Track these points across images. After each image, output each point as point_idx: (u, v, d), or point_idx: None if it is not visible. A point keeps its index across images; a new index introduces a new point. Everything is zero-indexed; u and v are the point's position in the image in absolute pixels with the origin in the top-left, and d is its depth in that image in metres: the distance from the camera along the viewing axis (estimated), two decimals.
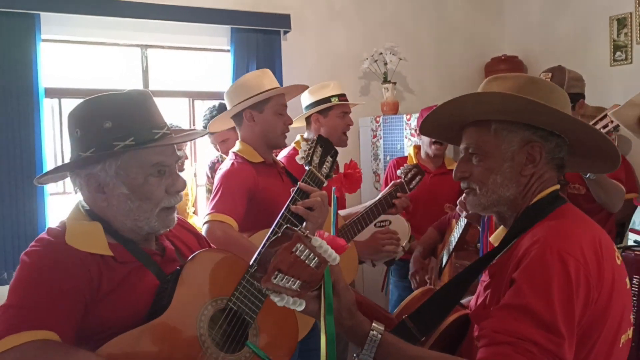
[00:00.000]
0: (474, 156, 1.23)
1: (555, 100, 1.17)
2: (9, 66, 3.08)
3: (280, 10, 3.82)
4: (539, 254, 1.05)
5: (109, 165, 1.24)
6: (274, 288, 0.97)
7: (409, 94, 4.40)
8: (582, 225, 1.15)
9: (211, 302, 1.32)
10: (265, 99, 2.24)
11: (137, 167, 1.24)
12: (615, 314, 1.09)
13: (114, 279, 1.22)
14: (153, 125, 1.27)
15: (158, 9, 3.43)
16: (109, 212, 1.28)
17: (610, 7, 3.77)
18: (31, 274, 1.15)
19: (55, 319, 1.10)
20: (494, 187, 1.21)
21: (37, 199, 3.14)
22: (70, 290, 1.14)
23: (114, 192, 1.25)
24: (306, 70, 3.87)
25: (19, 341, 1.05)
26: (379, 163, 3.95)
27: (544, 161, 1.20)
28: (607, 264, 1.08)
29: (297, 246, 0.96)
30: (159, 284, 1.29)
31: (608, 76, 3.76)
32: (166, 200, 1.29)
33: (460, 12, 4.59)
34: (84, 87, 3.52)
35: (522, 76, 1.23)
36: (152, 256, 1.32)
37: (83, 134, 1.25)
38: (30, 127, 3.12)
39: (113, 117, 1.23)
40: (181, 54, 3.83)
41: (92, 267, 1.20)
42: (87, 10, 3.26)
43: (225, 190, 2.08)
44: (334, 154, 1.73)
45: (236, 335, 1.33)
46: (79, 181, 1.29)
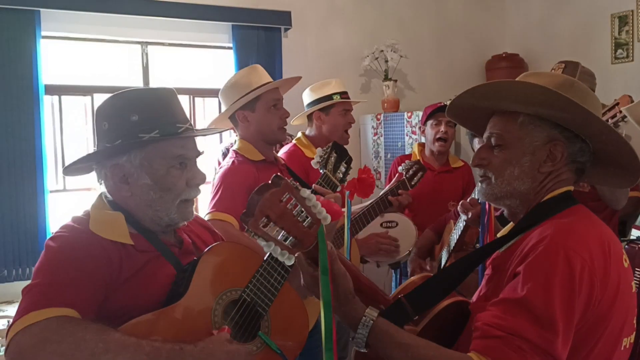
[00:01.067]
0: (495, 145, 1.23)
1: (589, 105, 1.16)
2: (9, 63, 3.07)
3: (280, 7, 3.81)
4: (545, 250, 1.05)
5: (134, 156, 1.30)
6: (263, 234, 0.99)
7: (410, 92, 4.39)
8: (592, 226, 1.14)
9: (226, 292, 1.36)
10: (255, 97, 2.20)
11: (161, 159, 1.31)
12: (619, 316, 1.08)
13: (133, 266, 1.27)
14: (177, 120, 1.34)
15: (158, 6, 3.42)
16: (131, 203, 1.33)
17: (611, 5, 3.77)
18: (55, 256, 1.20)
19: (77, 297, 1.15)
20: (509, 179, 1.20)
21: (37, 196, 3.13)
22: (92, 272, 1.19)
23: (138, 183, 1.31)
24: (307, 67, 3.86)
25: (41, 317, 1.09)
26: (380, 161, 3.95)
27: (563, 162, 1.19)
28: (614, 266, 1.08)
29: (285, 195, 0.99)
30: (176, 273, 1.33)
31: (609, 74, 3.76)
32: (186, 193, 1.35)
33: (461, 10, 4.58)
34: (84, 84, 3.52)
35: (560, 76, 1.23)
36: (170, 247, 1.37)
37: (110, 127, 1.31)
38: (30, 124, 3.11)
39: (140, 110, 1.30)
40: (181, 51, 3.82)
41: (113, 254, 1.25)
42: (87, 6, 3.25)
43: (225, 188, 2.07)
44: (348, 160, 1.78)
45: (248, 325, 1.36)
46: (104, 172, 1.34)
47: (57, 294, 1.14)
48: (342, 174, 1.71)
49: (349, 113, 2.79)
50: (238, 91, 2.20)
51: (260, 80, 2.22)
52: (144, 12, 3.40)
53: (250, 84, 2.19)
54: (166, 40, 3.68)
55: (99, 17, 3.33)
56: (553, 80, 1.19)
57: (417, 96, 4.35)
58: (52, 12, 3.20)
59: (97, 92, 3.53)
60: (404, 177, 2.49)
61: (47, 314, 1.10)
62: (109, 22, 3.40)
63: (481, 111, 1.28)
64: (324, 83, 2.81)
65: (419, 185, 2.90)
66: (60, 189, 3.47)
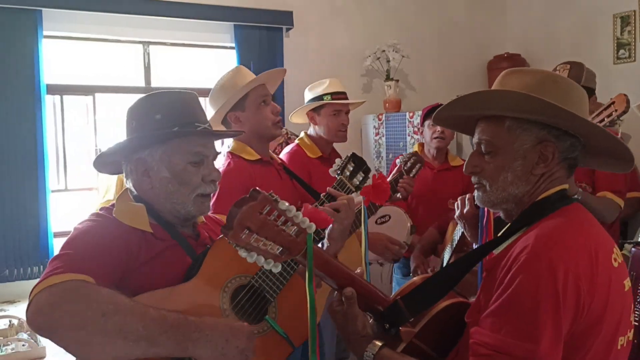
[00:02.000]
0: (486, 152, 1.22)
1: (574, 100, 1.15)
2: (11, 62, 3.08)
3: (282, 7, 3.81)
4: (527, 260, 1.04)
5: (155, 150, 1.41)
6: (244, 245, 1.02)
7: (412, 92, 4.39)
8: (579, 229, 1.12)
9: (235, 277, 1.44)
10: (244, 96, 2.17)
11: (179, 154, 1.41)
12: (612, 317, 1.07)
13: (150, 252, 1.37)
14: (196, 120, 1.44)
15: (160, 6, 3.43)
16: (152, 195, 1.44)
17: (613, 5, 3.76)
18: (80, 233, 1.33)
19: (95, 268, 1.24)
20: (504, 185, 1.19)
21: (39, 196, 3.14)
22: (111, 249, 1.30)
23: (158, 176, 1.42)
24: (308, 67, 3.86)
25: (60, 279, 1.19)
26: (381, 160, 3.94)
27: (556, 161, 1.17)
28: (602, 268, 1.07)
29: (265, 207, 1.02)
30: (191, 261, 1.42)
31: (611, 74, 3.75)
32: (202, 188, 1.44)
33: (462, 10, 4.58)
34: (85, 84, 3.52)
35: (542, 72, 1.20)
36: (187, 238, 1.47)
37: (137, 125, 1.43)
38: (32, 124, 3.12)
39: (163, 110, 1.42)
40: (183, 51, 3.82)
41: (132, 238, 1.36)
42: (89, 6, 3.26)
43: (223, 191, 2.04)
44: (366, 170, 1.80)
45: (255, 309, 1.44)
46: (129, 166, 1.45)
47: (77, 262, 1.24)
48: (358, 182, 1.76)
49: (342, 114, 2.75)
50: (225, 94, 2.18)
51: (245, 79, 2.19)
52: (146, 11, 3.40)
53: (235, 86, 2.17)
54: (168, 40, 3.68)
55: (101, 16, 3.33)
56: (535, 78, 1.17)
57: (419, 96, 4.34)
58: (54, 11, 3.20)
59: (98, 92, 3.53)
60: (403, 169, 2.49)
61: (66, 278, 1.20)
62: (111, 22, 3.40)
63: (468, 116, 1.28)
64: (319, 82, 2.80)
65: (419, 183, 2.90)
66: (61, 188, 3.47)
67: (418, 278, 1.44)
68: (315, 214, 1.08)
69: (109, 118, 3.64)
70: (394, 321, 1.19)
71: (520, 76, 1.19)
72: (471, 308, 1.21)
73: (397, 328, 1.21)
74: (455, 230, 2.50)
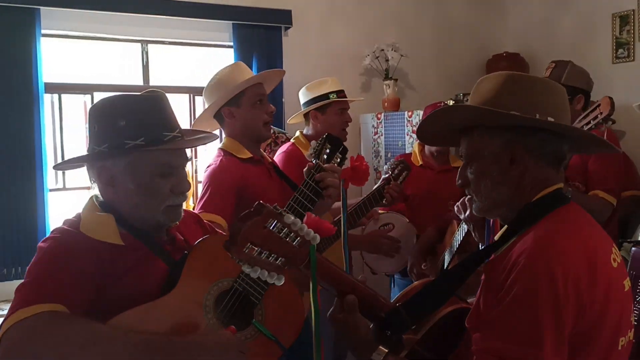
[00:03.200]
0: (466, 163, 1.24)
1: (537, 95, 1.17)
2: (9, 61, 3.06)
3: (281, 6, 3.80)
4: (526, 265, 1.04)
5: (119, 161, 1.32)
6: (248, 260, 1.01)
7: (411, 91, 4.39)
8: (576, 230, 1.12)
9: (217, 282, 1.38)
10: (240, 93, 2.16)
11: (145, 166, 1.32)
12: (612, 318, 1.07)
13: (124, 265, 1.30)
14: (164, 128, 1.35)
15: (158, 4, 3.42)
16: (118, 204, 1.36)
17: (612, 4, 3.76)
18: (45, 255, 1.24)
19: (66, 294, 1.17)
20: (486, 192, 1.21)
21: (37, 195, 3.13)
22: (81, 270, 1.22)
23: (123, 187, 1.33)
24: (307, 66, 3.85)
25: (30, 312, 1.12)
26: (380, 160, 3.94)
27: (532, 160, 1.17)
28: (602, 269, 1.07)
29: (270, 221, 1.01)
30: (169, 269, 1.36)
31: (610, 73, 3.74)
32: (171, 200, 1.36)
33: (461, 9, 4.57)
34: (84, 82, 3.51)
35: (505, 75, 1.21)
36: (162, 245, 1.40)
37: (99, 129, 1.34)
38: (30, 122, 3.11)
39: (127, 116, 1.31)
40: (182, 50, 3.81)
41: (103, 253, 1.28)
42: (87, 4, 3.25)
43: (213, 189, 2.06)
44: (342, 150, 1.75)
45: (241, 314, 1.38)
46: (93, 172, 1.37)
47: (46, 290, 1.16)
48: (336, 164, 1.70)
49: (346, 112, 2.77)
50: (222, 88, 2.17)
51: (244, 76, 2.18)
52: (144, 10, 3.39)
53: (234, 80, 2.16)
54: (166, 38, 3.67)
55: (99, 15, 3.32)
56: (499, 81, 1.20)
57: (418, 95, 4.34)
58: (52, 10, 3.19)
59: (97, 91, 3.52)
60: (390, 175, 2.50)
61: (37, 310, 1.12)
62: (109, 20, 3.39)
63: (453, 132, 1.29)
64: (321, 82, 2.80)
65: (419, 184, 2.90)
66: (60, 187, 3.47)
67: (419, 283, 1.44)
68: (319, 224, 1.07)
69: None
70: (395, 328, 1.17)
71: (485, 84, 1.23)
72: (471, 312, 1.20)
73: (399, 335, 1.19)
74: (455, 233, 2.49)
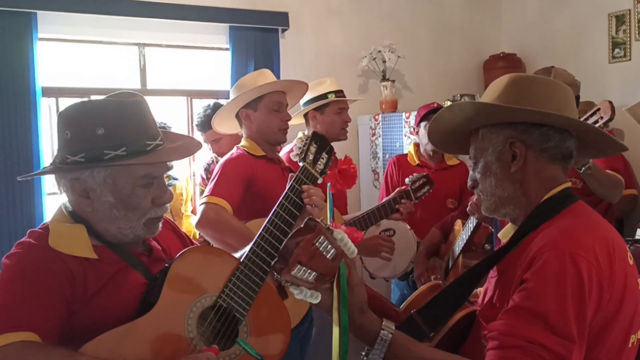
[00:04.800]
0: (473, 164, 1.27)
1: (538, 92, 1.18)
2: (6, 65, 3.06)
3: (278, 8, 3.81)
4: (552, 256, 1.04)
5: (97, 173, 1.22)
6: (293, 280, 0.98)
7: (408, 92, 4.39)
8: (594, 226, 1.13)
9: (200, 299, 1.29)
10: (258, 97, 2.26)
11: (126, 178, 1.23)
12: (626, 314, 1.08)
13: (99, 280, 1.20)
14: (146, 136, 1.25)
15: (155, 7, 3.42)
16: (92, 217, 1.26)
17: (608, 4, 3.77)
18: (11, 276, 1.14)
19: (36, 319, 1.08)
20: (491, 190, 1.23)
21: (34, 199, 3.13)
22: (51, 290, 1.13)
23: (100, 199, 1.23)
24: (304, 68, 3.86)
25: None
26: (377, 161, 3.94)
27: (533, 156, 1.19)
28: (619, 265, 1.07)
29: (318, 238, 0.98)
30: (146, 282, 1.28)
31: (606, 73, 3.75)
32: (152, 212, 1.28)
33: (458, 10, 4.58)
34: (81, 86, 3.51)
35: (506, 77, 1.24)
36: (138, 256, 1.31)
37: (73, 137, 1.21)
38: (27, 127, 3.11)
39: (106, 124, 1.20)
40: (179, 53, 3.81)
41: (75, 269, 1.18)
42: (84, 8, 3.24)
43: (222, 175, 2.16)
44: (329, 150, 1.68)
45: (226, 331, 1.31)
46: (64, 183, 1.27)
47: (14, 317, 1.07)
48: (322, 165, 1.63)
49: (345, 112, 2.79)
50: (241, 89, 2.27)
51: (265, 81, 2.27)
52: (141, 13, 3.39)
53: (255, 84, 2.25)
54: (163, 41, 3.67)
55: (96, 19, 3.32)
56: (501, 84, 1.22)
57: (415, 96, 4.34)
58: (49, 14, 3.19)
59: (94, 94, 3.52)
60: (409, 188, 2.46)
61: (5, 340, 1.04)
62: (106, 24, 3.39)
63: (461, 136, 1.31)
64: (319, 82, 2.81)
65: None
66: (57, 191, 3.44)
67: (426, 287, 1.43)
68: (351, 234, 1.04)
69: None
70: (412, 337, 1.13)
71: (495, 84, 1.25)
72: (483, 308, 1.20)
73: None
74: (461, 231, 2.49)
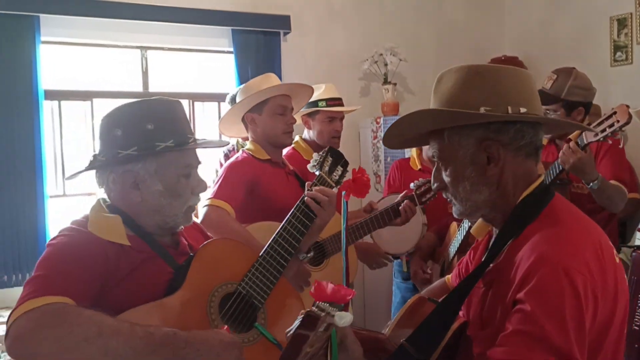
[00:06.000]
0: (440, 166, 1.19)
1: (506, 86, 1.11)
2: (9, 68, 3.07)
3: (279, 11, 3.82)
4: (546, 273, 0.99)
5: (149, 164, 1.36)
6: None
7: (410, 95, 4.40)
8: (581, 230, 1.09)
9: (221, 285, 1.42)
10: (263, 101, 2.27)
11: (173, 168, 1.38)
12: (620, 313, 1.07)
13: (129, 265, 1.33)
14: (188, 131, 1.43)
15: (157, 11, 3.43)
16: (138, 208, 1.39)
17: (610, 8, 3.77)
18: (54, 251, 1.28)
19: (73, 288, 1.21)
20: (465, 195, 1.16)
21: (37, 202, 3.13)
22: (88, 266, 1.26)
23: (150, 189, 1.37)
24: (306, 71, 3.86)
25: (38, 304, 1.15)
26: (379, 164, 3.95)
27: (508, 155, 1.12)
28: (610, 268, 1.05)
29: (323, 325, 0.96)
30: (173, 271, 1.39)
31: (608, 76, 3.75)
32: (191, 200, 1.43)
33: (460, 13, 4.58)
34: (83, 89, 3.52)
35: (467, 68, 1.15)
36: (166, 248, 1.43)
37: (125, 133, 1.36)
38: (30, 130, 3.11)
39: (155, 120, 1.37)
40: (181, 56, 3.82)
41: (110, 252, 1.31)
42: (86, 12, 3.26)
43: (226, 178, 2.19)
44: (344, 163, 1.80)
45: (244, 317, 1.42)
46: (113, 177, 1.39)
47: (54, 284, 1.20)
48: (337, 176, 1.74)
49: (336, 120, 2.75)
50: (246, 93, 2.29)
51: (271, 84, 2.28)
52: (144, 17, 3.40)
53: (259, 88, 2.26)
54: (166, 45, 3.68)
55: (99, 22, 3.33)
56: (461, 76, 1.13)
57: (417, 99, 4.35)
58: (52, 17, 3.20)
59: (96, 97, 3.53)
60: (414, 193, 2.44)
61: (44, 301, 1.15)
62: (109, 27, 3.40)
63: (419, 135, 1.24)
64: (316, 87, 2.81)
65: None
66: (60, 194, 3.47)
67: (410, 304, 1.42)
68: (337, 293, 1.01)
69: None
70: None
71: (449, 77, 1.16)
72: (473, 324, 1.17)
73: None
74: (456, 233, 2.50)
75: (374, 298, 3.93)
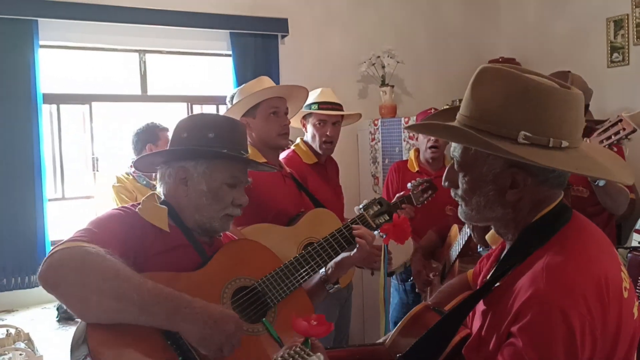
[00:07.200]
0: (459, 170, 1.15)
1: (553, 113, 1.03)
2: (7, 72, 3.08)
3: (277, 14, 3.83)
4: (540, 312, 0.97)
5: (200, 164, 1.52)
6: None
7: (407, 97, 4.41)
8: (587, 262, 1.03)
9: (241, 277, 1.53)
10: (255, 105, 2.27)
11: (220, 173, 1.52)
12: (622, 347, 1.03)
13: (163, 247, 1.47)
14: (242, 148, 1.58)
15: (156, 14, 3.44)
16: (184, 203, 1.54)
17: (606, 9, 3.78)
18: (105, 216, 1.47)
19: (108, 244, 1.36)
20: (478, 208, 1.13)
21: (36, 205, 3.14)
22: (127, 234, 1.42)
23: (196, 187, 1.52)
24: (304, 74, 3.87)
25: (76, 244, 1.32)
26: (377, 166, 3.96)
27: (534, 184, 1.07)
28: (613, 305, 1.01)
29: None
30: (201, 262, 1.51)
31: (605, 78, 3.77)
32: (230, 209, 1.55)
33: (456, 15, 4.60)
34: (82, 93, 3.53)
35: (512, 79, 1.05)
36: (202, 243, 1.55)
37: (189, 137, 1.54)
38: (29, 133, 3.12)
39: (216, 130, 1.54)
40: (179, 59, 3.83)
41: (149, 232, 1.47)
42: (84, 15, 3.27)
43: None
44: (390, 213, 1.91)
45: (253, 311, 1.51)
46: (170, 171, 1.55)
47: (96, 237, 1.36)
48: (379, 222, 1.86)
49: (328, 124, 2.70)
50: (238, 97, 2.29)
51: (263, 87, 2.28)
52: (142, 20, 3.41)
53: (252, 91, 2.25)
54: (164, 48, 3.69)
55: (97, 25, 3.34)
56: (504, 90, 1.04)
57: (414, 101, 4.36)
58: (50, 21, 3.21)
59: (95, 101, 3.54)
60: (411, 193, 2.43)
61: (81, 244, 1.32)
62: (107, 31, 3.41)
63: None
64: (314, 91, 2.82)
65: None
66: (59, 197, 3.48)
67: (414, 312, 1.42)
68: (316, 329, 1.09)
69: (105, 126, 3.65)
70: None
71: (492, 82, 1.07)
72: (470, 343, 1.15)
73: None
74: (457, 236, 2.49)
75: (373, 299, 3.93)
